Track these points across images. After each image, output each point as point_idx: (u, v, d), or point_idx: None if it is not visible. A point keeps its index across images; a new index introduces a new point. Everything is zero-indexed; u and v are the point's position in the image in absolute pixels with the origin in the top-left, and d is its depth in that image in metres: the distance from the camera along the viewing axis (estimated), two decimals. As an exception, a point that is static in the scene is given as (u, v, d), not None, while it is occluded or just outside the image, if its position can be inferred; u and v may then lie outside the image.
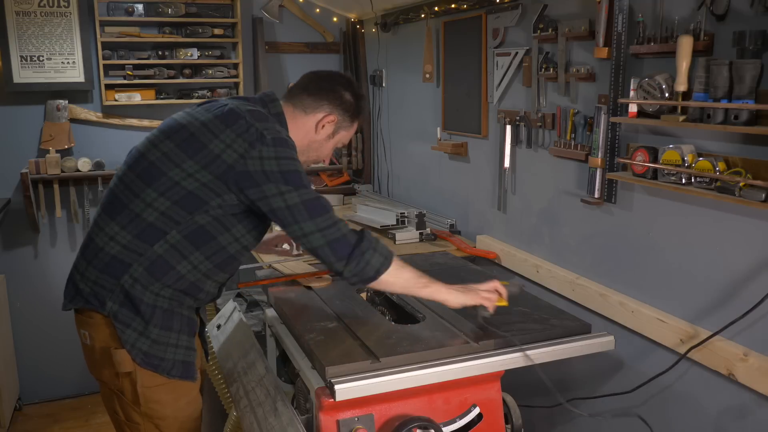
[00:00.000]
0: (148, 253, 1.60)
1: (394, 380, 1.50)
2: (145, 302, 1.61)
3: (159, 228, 1.59)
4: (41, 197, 3.43)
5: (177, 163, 1.59)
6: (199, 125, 1.62)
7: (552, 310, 1.86)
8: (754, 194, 1.50)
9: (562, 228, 2.31)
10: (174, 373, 1.66)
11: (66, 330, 3.68)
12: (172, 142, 1.62)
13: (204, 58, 3.60)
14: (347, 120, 1.81)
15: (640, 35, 1.81)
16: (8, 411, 3.34)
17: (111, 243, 1.62)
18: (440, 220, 3.07)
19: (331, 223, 1.57)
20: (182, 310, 1.68)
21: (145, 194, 1.60)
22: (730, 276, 1.66)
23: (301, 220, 1.56)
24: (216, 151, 1.57)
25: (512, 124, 2.51)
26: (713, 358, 1.69)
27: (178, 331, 1.67)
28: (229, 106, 1.64)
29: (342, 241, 1.57)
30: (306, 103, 1.77)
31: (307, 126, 1.77)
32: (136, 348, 1.62)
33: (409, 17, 3.22)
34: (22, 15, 3.29)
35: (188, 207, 1.59)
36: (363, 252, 1.57)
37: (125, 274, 1.60)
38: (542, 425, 2.42)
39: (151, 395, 1.65)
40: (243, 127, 1.58)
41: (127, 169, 1.68)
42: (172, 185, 1.58)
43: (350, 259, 1.57)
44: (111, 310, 1.61)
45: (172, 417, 1.69)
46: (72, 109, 3.50)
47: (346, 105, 1.79)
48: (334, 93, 1.78)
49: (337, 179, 3.98)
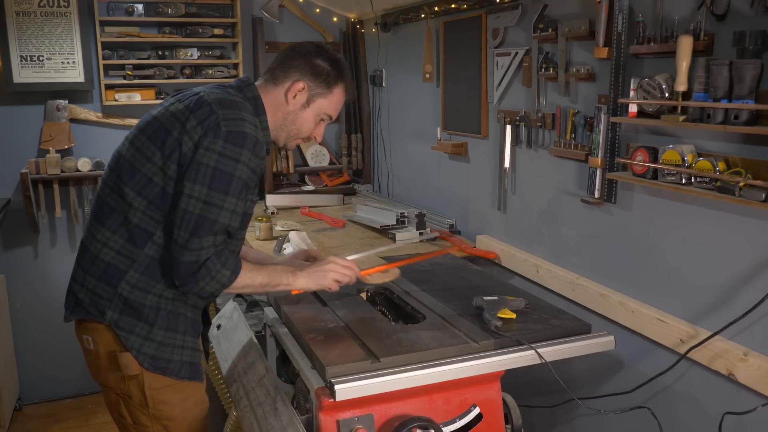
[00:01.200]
0: (140, 257, 1.59)
1: (394, 380, 1.50)
2: (147, 306, 1.61)
3: (144, 229, 1.59)
4: (41, 197, 3.44)
5: (148, 157, 1.58)
6: (168, 115, 1.60)
7: (552, 310, 1.86)
8: (754, 194, 1.50)
9: (562, 228, 2.30)
10: (182, 375, 1.66)
11: (66, 330, 3.68)
12: (144, 135, 1.61)
13: (204, 58, 3.60)
14: (322, 86, 1.72)
15: (640, 35, 1.81)
16: (8, 411, 3.34)
17: (105, 249, 1.61)
18: (440, 220, 3.07)
19: (197, 247, 1.51)
20: (186, 311, 1.68)
21: (125, 194, 1.59)
22: (730, 276, 1.66)
23: (183, 230, 1.51)
24: (179, 139, 1.55)
25: (512, 124, 2.51)
26: (713, 358, 1.69)
27: (184, 333, 1.67)
28: (199, 95, 1.61)
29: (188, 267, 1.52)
30: (276, 74, 1.72)
31: (279, 98, 1.71)
32: (142, 353, 1.61)
33: (409, 17, 3.22)
34: (22, 15, 3.29)
35: (162, 206, 1.58)
36: (197, 280, 1.53)
37: (122, 282, 1.60)
38: (542, 425, 2.42)
39: (159, 397, 1.65)
40: (206, 113, 1.55)
41: (110, 171, 1.67)
42: (146, 182, 1.57)
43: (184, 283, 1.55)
44: (111, 318, 1.61)
45: (180, 418, 1.69)
46: (72, 109, 3.50)
47: (316, 70, 1.71)
48: (303, 59, 1.71)
49: (337, 179, 3.98)
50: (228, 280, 1.57)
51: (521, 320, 1.75)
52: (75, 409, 3.64)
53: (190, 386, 1.69)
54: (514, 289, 2.08)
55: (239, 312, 2.19)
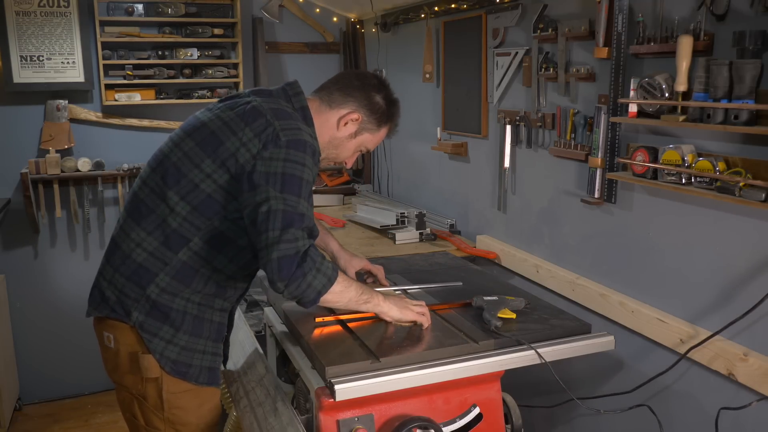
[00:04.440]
0: (173, 261, 1.58)
1: (394, 380, 1.50)
2: (174, 309, 1.60)
3: (182, 235, 1.57)
4: (41, 197, 3.43)
5: (196, 164, 1.56)
6: (220, 124, 1.58)
7: (552, 310, 1.86)
8: (754, 194, 1.50)
9: (562, 228, 2.30)
10: (201, 380, 1.65)
11: (66, 330, 3.70)
12: (192, 140, 1.59)
13: (204, 58, 3.60)
14: (373, 122, 1.74)
15: (640, 35, 1.81)
16: (8, 411, 3.34)
17: (138, 250, 1.60)
18: (440, 220, 3.07)
19: (293, 238, 1.45)
20: (213, 316, 1.67)
21: (168, 198, 1.57)
22: (730, 276, 1.66)
23: (272, 229, 1.45)
24: (232, 149, 1.54)
25: (512, 124, 2.51)
26: (713, 358, 1.69)
27: (206, 338, 1.66)
28: (252, 104, 1.60)
29: (291, 260, 1.44)
30: (333, 97, 1.72)
31: (331, 121, 1.72)
32: (164, 357, 1.60)
33: (409, 17, 3.22)
34: (22, 15, 3.29)
35: (207, 212, 1.56)
36: (305, 273, 1.45)
37: (151, 284, 1.58)
38: (542, 425, 2.42)
39: (175, 401, 1.64)
40: (262, 126, 1.54)
41: (151, 171, 1.64)
42: (192, 188, 1.56)
43: (291, 280, 1.44)
44: (137, 320, 1.59)
45: (194, 424, 1.68)
46: (72, 109, 3.50)
47: (374, 106, 1.73)
48: (364, 92, 1.72)
49: (337, 179, 3.98)
50: (332, 273, 1.51)
51: (521, 320, 1.75)
52: (75, 409, 3.64)
53: (207, 392, 1.69)
54: (514, 289, 2.08)
55: (239, 312, 2.19)
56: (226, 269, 1.63)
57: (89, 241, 3.68)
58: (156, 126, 3.66)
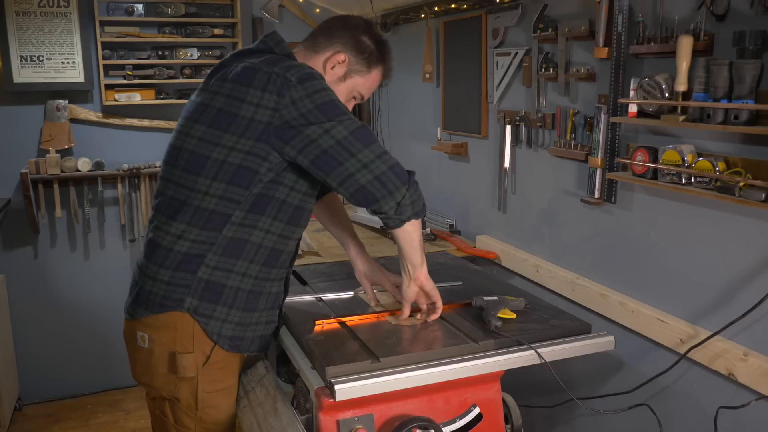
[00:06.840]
0: (219, 239, 1.56)
1: (394, 380, 1.49)
2: (228, 286, 1.58)
3: (222, 212, 1.54)
4: (41, 197, 3.44)
5: (215, 142, 1.53)
6: (223, 98, 1.54)
7: (552, 310, 1.86)
8: (754, 194, 1.50)
9: (562, 228, 2.31)
10: (252, 349, 1.67)
11: (66, 330, 3.71)
12: (202, 124, 1.56)
13: (204, 58, 3.60)
14: (362, 63, 1.69)
15: (640, 35, 1.81)
16: (8, 411, 3.34)
17: (180, 241, 1.57)
18: (440, 220, 3.07)
19: (384, 150, 1.46)
20: (270, 288, 1.66)
21: (199, 184, 1.54)
22: (730, 276, 1.66)
23: (357, 151, 1.44)
24: (248, 116, 1.50)
25: (512, 124, 2.51)
26: (713, 358, 1.69)
27: (262, 309, 1.66)
28: (241, 65, 1.55)
29: (401, 167, 1.47)
30: (318, 42, 1.69)
31: (317, 66, 1.66)
32: (222, 336, 1.60)
33: (409, 17, 3.22)
34: (22, 15, 3.30)
35: (243, 183, 1.53)
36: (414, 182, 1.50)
37: (201, 266, 1.56)
38: (542, 425, 2.42)
39: (210, 400, 1.63)
40: (263, 79, 1.49)
41: (169, 167, 1.61)
42: (220, 166, 1.53)
43: (410, 183, 1.47)
44: (191, 305, 1.57)
45: (226, 423, 1.69)
46: (72, 109, 3.50)
47: (360, 45, 1.68)
48: (349, 32, 1.68)
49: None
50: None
51: (521, 320, 1.75)
52: (75, 409, 3.64)
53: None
54: (514, 289, 2.08)
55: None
56: (274, 228, 1.60)
57: (89, 241, 3.68)
58: (156, 126, 3.66)
